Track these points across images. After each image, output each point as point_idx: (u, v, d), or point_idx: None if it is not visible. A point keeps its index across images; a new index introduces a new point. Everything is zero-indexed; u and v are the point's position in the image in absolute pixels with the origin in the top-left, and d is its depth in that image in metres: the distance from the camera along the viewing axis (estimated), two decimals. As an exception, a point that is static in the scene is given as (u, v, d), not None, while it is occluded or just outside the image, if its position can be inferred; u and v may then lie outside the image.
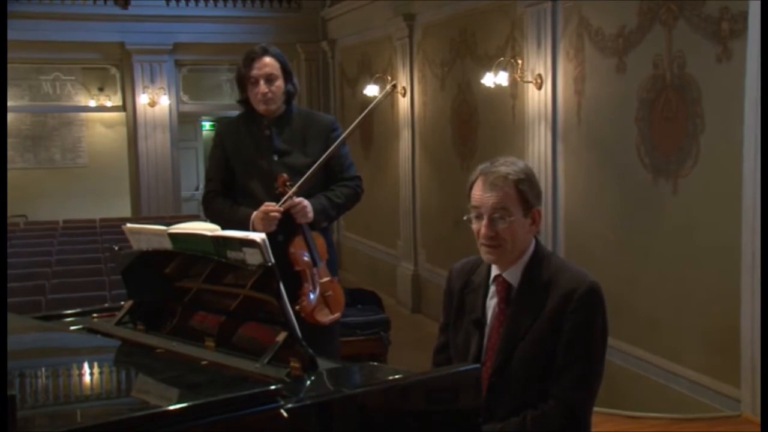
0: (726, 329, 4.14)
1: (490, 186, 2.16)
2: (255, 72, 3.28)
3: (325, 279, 3.26)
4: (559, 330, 2.13)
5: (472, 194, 2.21)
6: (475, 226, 2.21)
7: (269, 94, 3.28)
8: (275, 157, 3.33)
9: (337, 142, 3.32)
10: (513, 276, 2.22)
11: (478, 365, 2.06)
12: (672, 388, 4.58)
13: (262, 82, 3.27)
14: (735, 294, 4.01)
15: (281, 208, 3.18)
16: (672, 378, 4.60)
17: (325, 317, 3.23)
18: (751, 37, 3.85)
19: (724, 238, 4.15)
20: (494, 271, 2.26)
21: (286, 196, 3.19)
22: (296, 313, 3.14)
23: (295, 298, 3.16)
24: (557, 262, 2.25)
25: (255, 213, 3.21)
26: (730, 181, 4.07)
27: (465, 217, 2.24)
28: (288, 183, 3.21)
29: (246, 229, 3.17)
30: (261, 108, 3.32)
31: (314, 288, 3.21)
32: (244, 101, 3.38)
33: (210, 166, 3.49)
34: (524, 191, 2.16)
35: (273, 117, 3.35)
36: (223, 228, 3.37)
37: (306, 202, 3.22)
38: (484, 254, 2.22)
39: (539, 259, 2.22)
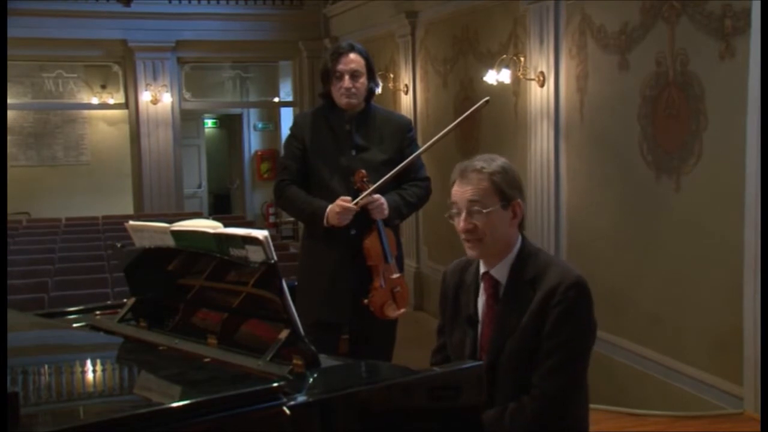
0: (728, 326, 4.14)
1: (465, 180, 2.20)
2: (341, 67, 3.35)
3: (395, 275, 3.35)
4: (543, 324, 2.13)
5: (451, 192, 2.25)
6: (456, 222, 2.24)
7: (353, 89, 3.35)
8: (353, 152, 3.38)
9: (419, 151, 3.39)
10: (500, 273, 2.23)
11: (480, 362, 2.07)
12: (674, 386, 4.58)
13: (347, 77, 3.35)
14: (737, 291, 4.01)
15: (359, 204, 3.23)
16: (674, 375, 4.59)
17: (393, 312, 3.34)
18: (754, 34, 3.84)
19: (727, 235, 4.15)
20: (482, 268, 2.28)
21: (365, 193, 3.24)
22: (365, 307, 3.24)
23: (365, 292, 3.29)
24: (545, 258, 2.25)
25: (330, 206, 3.26)
26: (732, 178, 4.06)
27: (446, 215, 2.26)
28: (365, 179, 3.26)
29: (318, 220, 3.28)
30: (343, 102, 3.38)
31: (384, 283, 3.30)
32: (326, 95, 3.45)
33: (285, 155, 3.53)
34: (498, 182, 2.18)
35: (353, 113, 3.41)
36: (294, 216, 3.45)
37: (383, 200, 3.29)
38: (467, 250, 2.25)
39: (526, 255, 2.23)
